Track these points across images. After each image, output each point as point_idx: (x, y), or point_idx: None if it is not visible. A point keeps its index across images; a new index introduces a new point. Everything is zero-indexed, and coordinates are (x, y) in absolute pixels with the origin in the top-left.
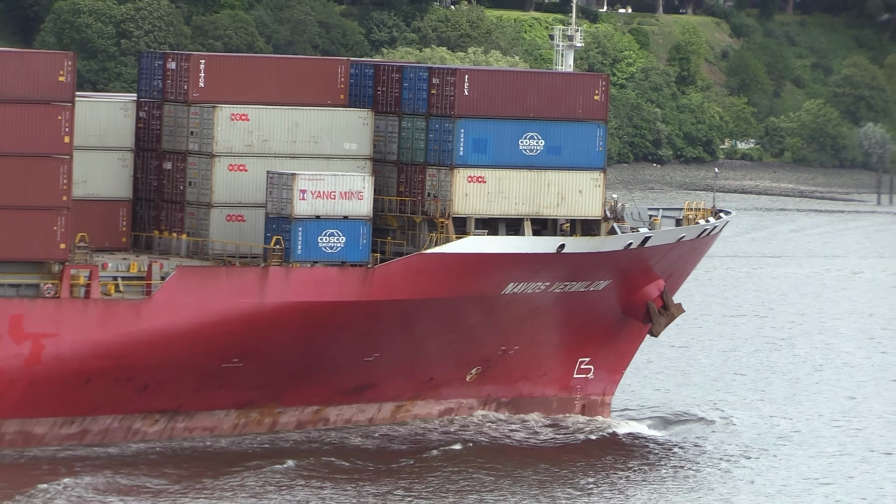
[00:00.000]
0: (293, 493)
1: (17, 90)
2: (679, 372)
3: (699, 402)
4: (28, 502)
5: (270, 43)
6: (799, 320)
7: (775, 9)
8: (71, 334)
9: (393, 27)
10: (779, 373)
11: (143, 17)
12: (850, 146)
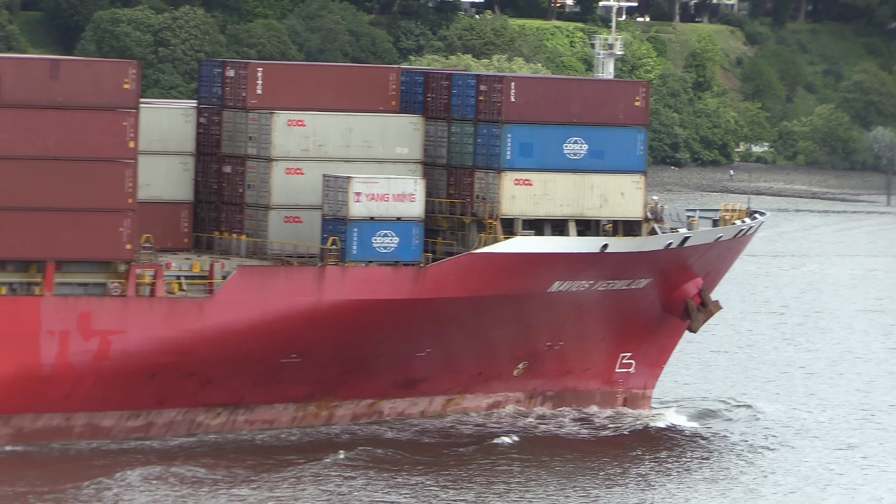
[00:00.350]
0: (350, 484)
1: (85, 97)
2: (711, 365)
3: (733, 395)
4: (96, 493)
5: (302, 51)
6: (816, 316)
7: (788, 17)
8: (137, 331)
9: (420, 35)
10: (800, 367)
11: (179, 26)
12: (860, 149)
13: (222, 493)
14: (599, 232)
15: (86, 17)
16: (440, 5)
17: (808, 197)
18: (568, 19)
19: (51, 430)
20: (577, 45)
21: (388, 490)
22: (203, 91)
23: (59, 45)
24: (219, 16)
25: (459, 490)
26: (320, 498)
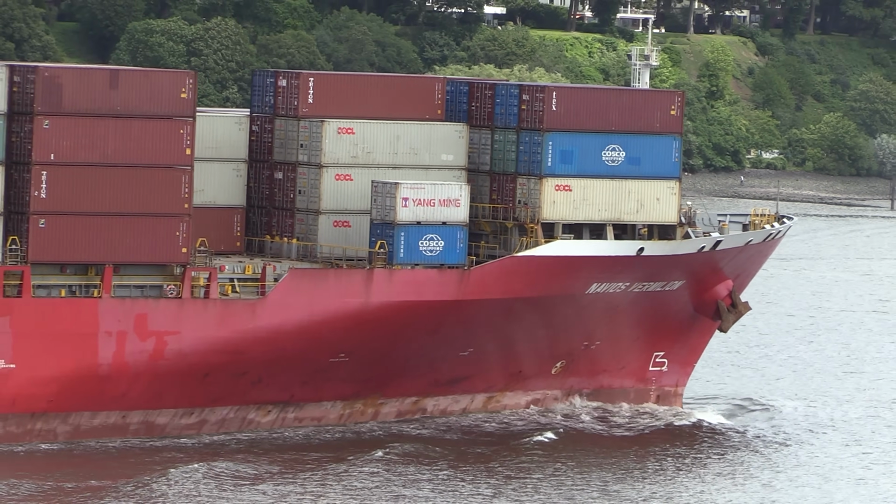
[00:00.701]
0: (395, 478)
1: (144, 106)
2: (741, 364)
3: (760, 393)
4: (152, 488)
5: (330, 61)
6: (827, 316)
7: (797, 29)
8: (191, 332)
9: (444, 46)
10: (820, 366)
11: (211, 37)
12: (866, 156)
13: (270, 488)
14: (635, 236)
15: (120, 27)
16: (464, 17)
17: (815, 202)
18: (587, 31)
19: (107, 427)
20: (595, 55)
21: (431, 485)
22: (256, 100)
23: (94, 54)
24: (249, 27)
25: (497, 485)
26: (365, 493)
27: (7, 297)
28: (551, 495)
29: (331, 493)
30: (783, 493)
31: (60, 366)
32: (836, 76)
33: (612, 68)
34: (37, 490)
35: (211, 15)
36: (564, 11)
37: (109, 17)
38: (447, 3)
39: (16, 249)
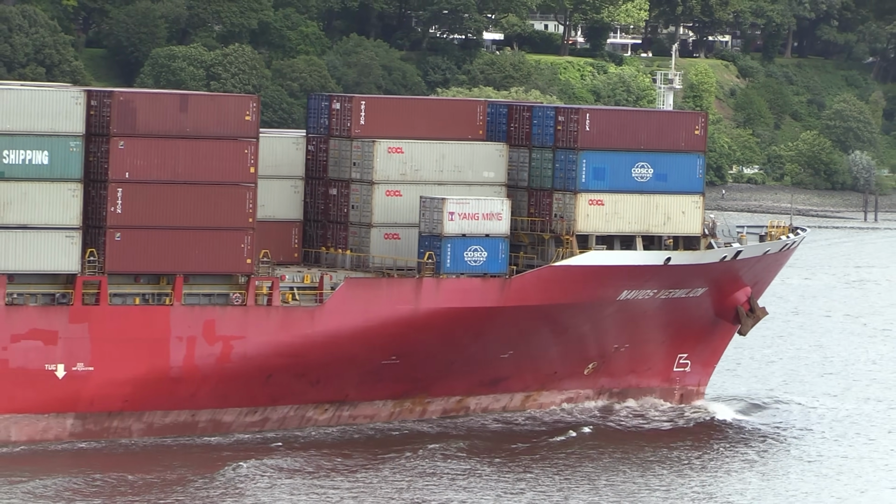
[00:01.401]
0: (447, 471)
1: (212, 128)
2: (756, 364)
3: (775, 391)
4: (220, 481)
5: (340, 84)
6: (839, 319)
7: (775, 53)
8: (255, 336)
9: (446, 70)
10: (832, 366)
11: (229, 62)
12: (840, 171)
13: (334, 481)
14: (661, 246)
15: (144, 53)
16: (464, 42)
17: (794, 214)
18: (579, 55)
19: (178, 425)
20: (587, 77)
21: (481, 478)
22: (311, 122)
23: (119, 78)
24: (264, 52)
25: (543, 475)
26: (422, 485)
27: (86, 305)
28: (593, 485)
29: (389, 486)
30: (801, 484)
31: (135, 368)
32: (813, 97)
33: (602, 90)
34: (115, 484)
35: (229, 42)
36: (558, 37)
37: (134, 43)
38: (449, 30)
39: (94, 261)
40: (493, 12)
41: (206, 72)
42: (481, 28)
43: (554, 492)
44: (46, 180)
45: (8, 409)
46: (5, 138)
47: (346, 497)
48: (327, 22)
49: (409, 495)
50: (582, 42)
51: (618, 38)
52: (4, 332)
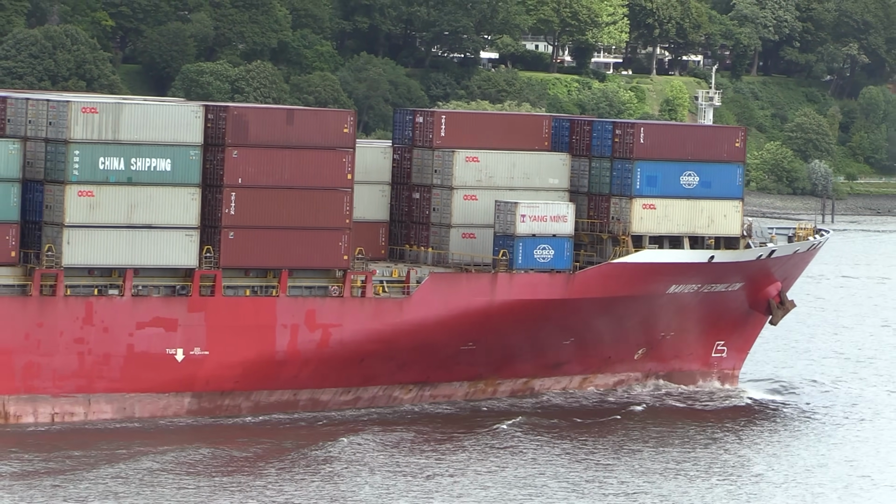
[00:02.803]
0: (523, 445)
1: (314, 139)
2: (787, 350)
3: (803, 375)
4: (321, 453)
5: (351, 97)
6: (864, 310)
7: (743, 72)
8: (351, 325)
9: (446, 85)
10: (854, 352)
11: (252, 77)
12: (801, 178)
13: (425, 453)
14: (704, 246)
15: (175, 69)
16: (463, 60)
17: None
18: (566, 72)
19: (281, 403)
20: (573, 92)
21: (554, 451)
22: (397, 133)
23: (153, 92)
24: (283, 69)
25: (610, 447)
26: (505, 456)
27: (202, 296)
28: (654, 452)
29: (474, 457)
30: (822, 455)
31: (245, 353)
32: (776, 111)
33: (587, 103)
34: (229, 457)
35: (251, 59)
36: (548, 56)
37: (166, 60)
38: (449, 49)
39: (210, 257)
40: (490, 33)
41: (230, 86)
42: (479, 48)
43: (612, 461)
44: (169, 185)
45: (133, 389)
46: (133, 147)
47: (435, 465)
48: (340, 41)
49: (488, 465)
50: (569, 61)
51: (601, 57)
52: (130, 320)
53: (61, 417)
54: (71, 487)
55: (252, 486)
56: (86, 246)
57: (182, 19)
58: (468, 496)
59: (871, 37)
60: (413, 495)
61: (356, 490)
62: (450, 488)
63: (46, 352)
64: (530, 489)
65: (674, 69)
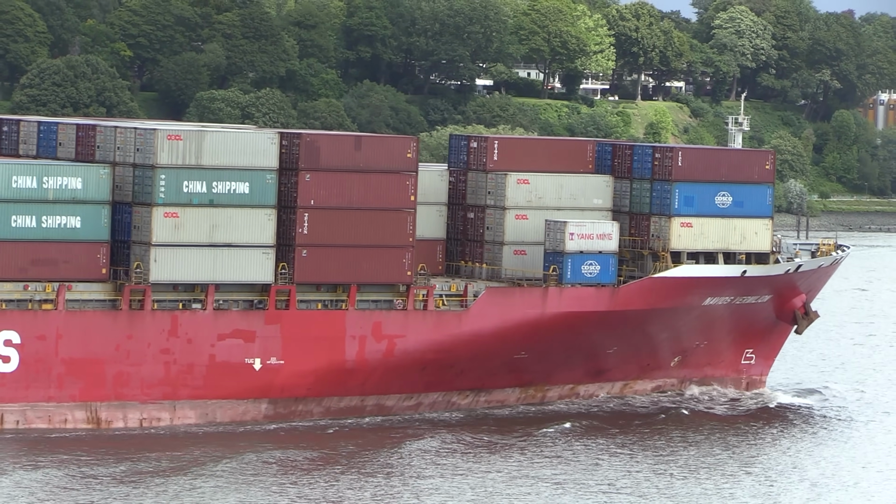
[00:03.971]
0: (585, 442)
1: (380, 163)
2: (810, 358)
3: (828, 380)
4: (389, 455)
5: (355, 122)
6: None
7: (723, 97)
8: (414, 335)
9: (444, 110)
10: (874, 360)
11: (261, 103)
12: (777, 196)
13: (486, 453)
14: (736, 261)
15: (189, 96)
16: (459, 87)
17: None
18: (556, 98)
19: (350, 408)
20: (563, 117)
21: (612, 448)
22: (452, 157)
23: (169, 117)
24: (291, 95)
25: (662, 446)
26: (567, 455)
27: (278, 310)
28: (701, 450)
29: (538, 456)
30: (846, 453)
31: (317, 362)
32: (754, 133)
33: (576, 127)
34: (304, 458)
35: (261, 86)
36: (539, 83)
37: (181, 87)
38: (446, 77)
39: (284, 273)
40: (484, 62)
41: (241, 111)
42: (474, 75)
43: (665, 457)
44: (247, 206)
45: (214, 396)
46: (214, 172)
47: (500, 463)
48: (344, 70)
49: (542, 466)
50: (559, 87)
51: (589, 83)
52: (212, 332)
53: (149, 422)
54: (161, 488)
55: (330, 483)
56: (171, 263)
57: (196, 50)
58: (524, 497)
59: (843, 63)
60: (473, 494)
61: (421, 488)
62: (506, 490)
63: (135, 362)
64: (582, 488)
65: (657, 95)
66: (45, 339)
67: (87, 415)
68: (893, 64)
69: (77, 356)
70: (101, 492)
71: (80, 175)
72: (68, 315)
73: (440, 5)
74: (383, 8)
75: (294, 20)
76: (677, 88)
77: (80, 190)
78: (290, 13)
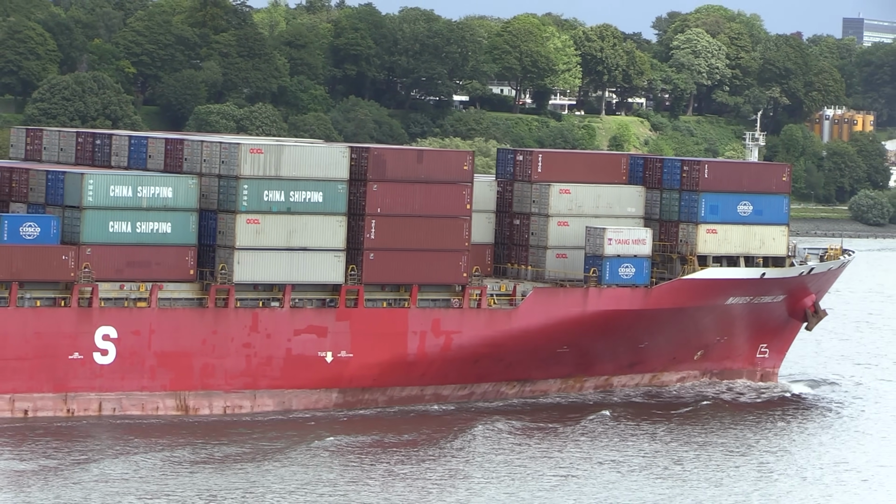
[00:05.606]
0: (623, 428)
1: (439, 175)
2: (819, 352)
3: (834, 373)
4: (462, 440)
5: (342, 134)
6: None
7: (680, 112)
8: (469, 331)
9: (424, 124)
10: (877, 354)
11: (255, 117)
12: None
13: (538, 438)
14: (755, 264)
15: (189, 110)
16: (438, 103)
17: None
18: (527, 112)
19: (411, 397)
20: (533, 130)
21: (647, 435)
22: (500, 169)
23: (169, 129)
24: (282, 110)
25: (688, 431)
26: (616, 439)
27: (348, 308)
28: (718, 440)
29: (584, 438)
30: (852, 439)
31: (382, 355)
32: (709, 146)
33: (545, 140)
34: (372, 442)
35: (254, 101)
36: (511, 99)
37: (181, 102)
38: (426, 93)
39: (354, 274)
40: (461, 79)
41: (236, 124)
42: (451, 92)
43: (695, 442)
44: (320, 214)
45: (291, 386)
46: (292, 182)
47: (552, 447)
48: (331, 86)
49: (581, 447)
50: (529, 103)
51: (557, 99)
52: (289, 327)
53: (232, 410)
54: (249, 466)
55: (401, 465)
56: (252, 265)
57: (194, 67)
58: (573, 478)
59: (791, 81)
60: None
61: (484, 468)
62: (559, 462)
63: (220, 355)
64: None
65: (620, 110)
66: (139, 334)
67: (176, 403)
68: (838, 82)
69: (168, 349)
70: (190, 475)
71: (171, 185)
72: (160, 312)
73: (420, 27)
74: (368, 29)
75: (285, 40)
76: (639, 104)
77: (171, 198)
78: (281, 34)
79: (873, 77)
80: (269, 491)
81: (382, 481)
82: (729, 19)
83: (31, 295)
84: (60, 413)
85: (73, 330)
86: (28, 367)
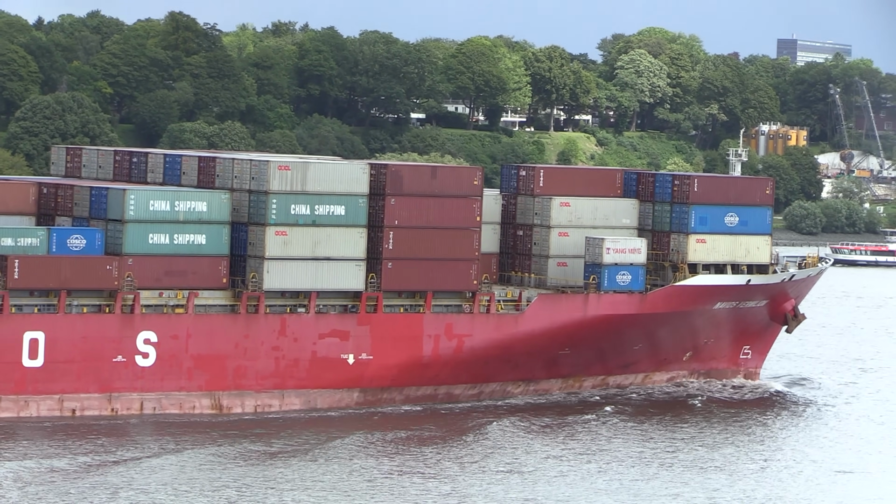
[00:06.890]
0: (625, 424)
1: (452, 189)
2: (797, 353)
3: (814, 371)
4: (471, 438)
5: (306, 150)
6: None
7: (624, 128)
8: (479, 335)
9: (383, 140)
10: (852, 355)
11: (225, 134)
12: None
13: (549, 434)
14: (740, 272)
15: (162, 127)
16: (396, 120)
17: None
18: (480, 129)
19: (425, 396)
20: (486, 146)
21: (642, 430)
22: (504, 183)
23: (144, 146)
24: (250, 127)
25: (682, 432)
26: (622, 434)
27: (368, 313)
28: (725, 430)
29: (593, 435)
30: (831, 434)
31: (399, 357)
32: (651, 160)
33: (497, 155)
34: (391, 439)
35: (224, 119)
36: (465, 116)
37: (154, 120)
38: (385, 111)
39: (373, 282)
40: (418, 98)
41: (207, 141)
42: (409, 109)
43: (696, 434)
44: (343, 226)
45: (316, 385)
46: (317, 197)
47: (566, 438)
48: (296, 105)
49: (582, 439)
50: (482, 120)
51: (509, 116)
52: (314, 331)
53: (262, 408)
54: (280, 463)
55: (422, 460)
56: (281, 274)
57: (167, 87)
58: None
59: (729, 99)
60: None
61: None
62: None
63: (251, 357)
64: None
65: (568, 126)
66: (177, 338)
67: (211, 402)
68: (773, 99)
69: (203, 352)
70: (230, 470)
71: (206, 199)
72: (196, 318)
73: (380, 49)
74: (330, 51)
75: (253, 62)
76: (585, 121)
77: (205, 212)
78: (249, 56)
79: (806, 94)
80: (314, 483)
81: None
82: (670, 41)
83: (78, 302)
84: (105, 412)
85: (116, 334)
86: (76, 370)
